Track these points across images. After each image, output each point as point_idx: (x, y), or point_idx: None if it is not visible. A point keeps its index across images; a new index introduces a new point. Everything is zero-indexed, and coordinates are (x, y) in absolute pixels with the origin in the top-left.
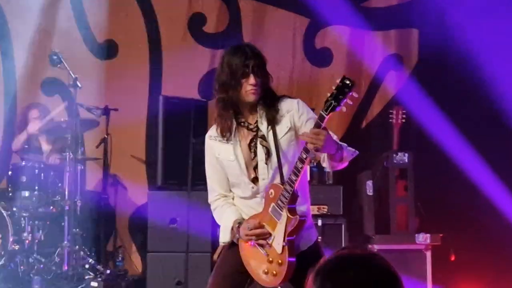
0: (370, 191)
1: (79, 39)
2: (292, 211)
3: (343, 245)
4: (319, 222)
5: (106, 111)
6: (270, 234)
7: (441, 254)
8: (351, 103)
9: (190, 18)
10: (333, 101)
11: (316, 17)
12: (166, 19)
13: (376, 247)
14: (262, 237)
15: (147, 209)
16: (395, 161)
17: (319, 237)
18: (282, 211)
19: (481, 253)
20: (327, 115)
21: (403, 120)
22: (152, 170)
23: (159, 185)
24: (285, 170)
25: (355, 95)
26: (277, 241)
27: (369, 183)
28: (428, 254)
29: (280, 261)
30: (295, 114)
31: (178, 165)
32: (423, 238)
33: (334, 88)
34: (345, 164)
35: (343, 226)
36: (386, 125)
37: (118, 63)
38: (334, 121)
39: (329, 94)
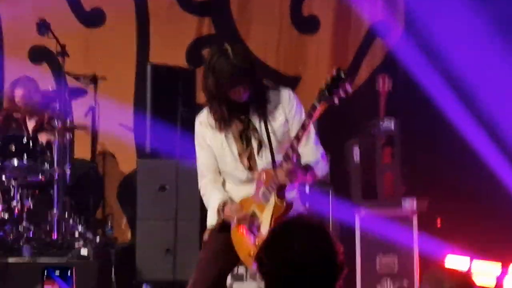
0: (357, 158)
1: (66, 7)
2: (280, 196)
3: (330, 212)
4: (306, 190)
5: (94, 80)
6: (257, 218)
7: (428, 220)
8: (343, 95)
9: None
10: (326, 92)
11: None
12: None
13: (363, 213)
14: (244, 221)
15: (136, 177)
16: (381, 128)
17: (307, 204)
18: (270, 195)
19: (468, 218)
20: (319, 105)
21: (390, 88)
22: (140, 138)
23: (148, 153)
24: (279, 159)
25: (348, 88)
26: (264, 225)
27: (356, 150)
28: (415, 219)
29: None
30: (286, 107)
31: (167, 133)
32: (409, 204)
33: (328, 79)
34: (316, 179)
35: (330, 193)
36: (372, 92)
37: (105, 31)
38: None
39: (323, 85)
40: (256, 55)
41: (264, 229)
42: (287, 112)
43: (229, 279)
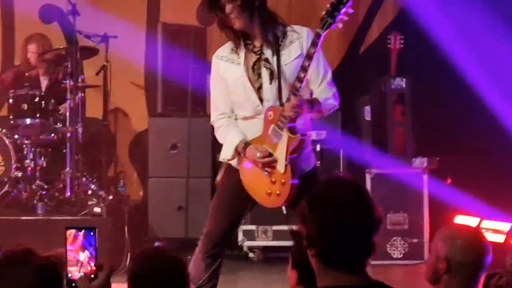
0: (368, 116)
1: None
2: (292, 130)
3: (341, 169)
4: (318, 148)
5: (105, 38)
6: (278, 160)
7: (438, 177)
8: (346, 18)
9: None
10: (328, 18)
11: None
12: None
13: (374, 171)
14: (269, 165)
15: (148, 135)
16: (392, 86)
17: (318, 162)
18: (282, 131)
19: (479, 175)
20: (323, 32)
21: (401, 46)
22: (151, 97)
23: (159, 112)
24: (286, 94)
25: (350, 10)
26: (280, 162)
27: (367, 108)
28: (425, 177)
29: (283, 181)
30: (304, 42)
31: (178, 91)
32: (420, 162)
33: (328, 5)
34: (325, 114)
35: (341, 151)
36: (384, 50)
37: None
38: (332, 46)
39: (324, 12)
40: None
41: (280, 166)
42: (304, 48)
43: (240, 236)
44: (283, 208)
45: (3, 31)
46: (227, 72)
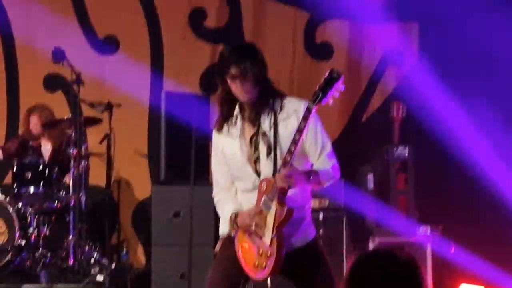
0: (371, 185)
1: (80, 35)
2: (281, 202)
3: (344, 238)
4: (321, 216)
5: (108, 107)
6: (260, 227)
7: (442, 245)
8: (337, 95)
9: (190, 13)
10: (320, 93)
11: (316, 11)
12: (167, 13)
13: (377, 240)
14: (259, 226)
15: (151, 203)
16: (395, 155)
17: (321, 230)
18: (272, 202)
19: (482, 245)
20: (313, 107)
21: (403, 114)
22: (154, 165)
23: (162, 179)
24: None
25: (341, 87)
26: (267, 234)
27: (370, 176)
28: (429, 246)
29: (269, 254)
30: (301, 116)
31: (181, 159)
32: (423, 230)
33: (322, 81)
34: (325, 186)
35: (344, 219)
36: (386, 119)
37: (119, 58)
38: (335, 114)
39: (317, 87)
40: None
41: (267, 238)
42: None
43: None
44: (268, 281)
45: (8, 99)
46: (226, 146)
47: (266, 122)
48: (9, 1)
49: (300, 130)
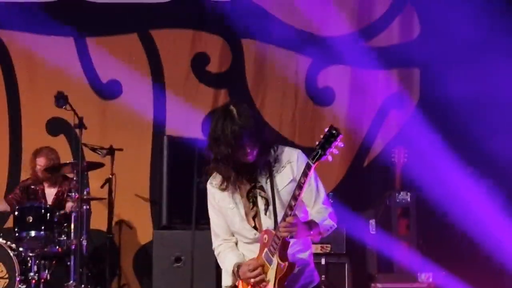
0: (373, 230)
1: (83, 80)
2: (282, 256)
3: (346, 284)
4: (323, 261)
5: (111, 151)
6: (268, 284)
7: None
8: (336, 152)
9: (193, 57)
10: (320, 150)
11: (318, 56)
12: (170, 58)
13: (379, 286)
14: (261, 280)
15: (152, 248)
16: (397, 200)
17: (323, 276)
18: (273, 256)
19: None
20: (313, 163)
21: (405, 160)
22: (156, 209)
23: (164, 224)
24: None
25: (340, 144)
26: (269, 287)
27: (372, 222)
28: None
29: None
30: (294, 166)
31: (183, 204)
32: (425, 277)
33: (321, 137)
34: (325, 235)
35: (346, 265)
36: (388, 164)
37: (122, 103)
38: (337, 160)
39: (317, 143)
40: (271, 125)
41: None
42: (295, 172)
43: None
44: None
45: (11, 142)
46: (221, 201)
47: (262, 176)
48: (13, 45)
49: (300, 186)
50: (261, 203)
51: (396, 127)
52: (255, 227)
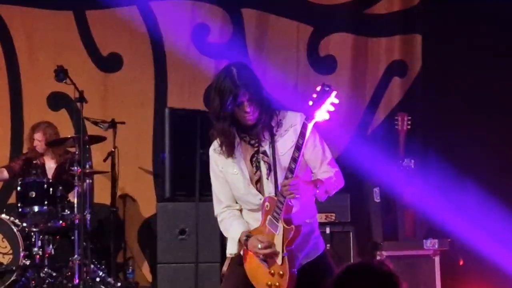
0: (377, 198)
1: (83, 53)
2: (287, 221)
3: (351, 252)
4: (327, 230)
5: (112, 125)
6: (277, 252)
7: (450, 260)
8: (333, 109)
9: (193, 28)
10: (313, 109)
11: (319, 25)
12: (170, 30)
13: (384, 254)
14: (269, 255)
15: (156, 220)
16: (401, 167)
17: (328, 245)
18: (278, 222)
19: (490, 257)
20: (308, 122)
21: (409, 127)
22: (159, 182)
23: (168, 197)
24: None
25: (335, 100)
26: (277, 253)
27: (376, 190)
28: (437, 259)
29: (281, 273)
30: (298, 129)
31: (186, 176)
32: (431, 244)
33: (314, 96)
34: (331, 194)
35: (351, 233)
36: (391, 131)
37: (123, 76)
38: (339, 128)
39: (310, 102)
40: (273, 96)
41: (278, 257)
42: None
43: None
44: None
45: (12, 118)
46: (225, 167)
47: (265, 141)
48: (12, 19)
49: (298, 147)
50: (263, 167)
51: (399, 94)
52: (260, 193)
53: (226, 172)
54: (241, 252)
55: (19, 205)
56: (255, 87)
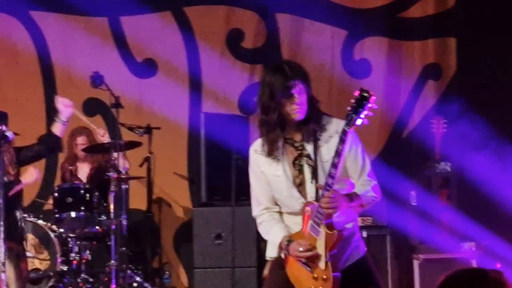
0: (414, 201)
1: (118, 59)
2: (329, 226)
3: (388, 256)
4: (364, 234)
5: (148, 130)
6: (319, 256)
7: (487, 261)
8: (372, 114)
9: (228, 34)
10: (353, 115)
11: (353, 29)
12: (204, 35)
13: (421, 257)
14: (311, 260)
15: (192, 225)
16: (437, 171)
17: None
18: (319, 227)
19: None
20: (349, 129)
21: (444, 130)
22: (195, 187)
23: (203, 202)
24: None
25: (374, 106)
26: (321, 258)
27: (413, 193)
28: (474, 262)
29: (325, 277)
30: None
31: (221, 181)
32: (468, 246)
33: (353, 101)
34: (367, 208)
35: (387, 237)
36: (427, 134)
37: (158, 81)
38: (375, 131)
39: (349, 108)
40: None
41: (321, 262)
42: None
43: None
44: None
45: (47, 124)
46: (267, 168)
47: (309, 144)
48: (47, 27)
49: (338, 153)
50: (307, 171)
51: (433, 97)
52: (302, 196)
53: (268, 173)
54: (283, 256)
55: (56, 211)
56: (306, 82)
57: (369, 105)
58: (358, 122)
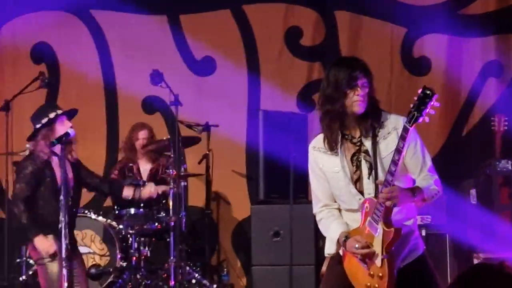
0: (473, 200)
1: (177, 57)
2: (387, 223)
3: (447, 255)
4: (423, 232)
5: (207, 128)
6: (375, 253)
7: None
8: (433, 112)
9: (286, 31)
10: (415, 112)
11: (413, 26)
12: (263, 33)
13: (481, 256)
14: (368, 257)
15: (250, 223)
16: (498, 169)
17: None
18: (377, 224)
19: None
20: (410, 126)
21: (505, 127)
22: (253, 184)
23: (261, 199)
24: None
25: (436, 104)
26: (377, 255)
27: (473, 191)
28: None
29: (380, 275)
30: (400, 133)
31: (280, 178)
32: None
33: (415, 99)
34: (429, 202)
35: (447, 235)
36: (487, 132)
37: (216, 79)
38: (435, 129)
39: (411, 105)
40: None
41: (377, 259)
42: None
43: None
44: None
45: (107, 122)
46: (326, 164)
47: (367, 140)
48: (108, 25)
49: (398, 150)
50: (365, 167)
51: (494, 95)
52: (360, 192)
53: (327, 170)
54: (341, 252)
55: (115, 207)
56: (369, 76)
57: (432, 103)
58: (420, 120)
